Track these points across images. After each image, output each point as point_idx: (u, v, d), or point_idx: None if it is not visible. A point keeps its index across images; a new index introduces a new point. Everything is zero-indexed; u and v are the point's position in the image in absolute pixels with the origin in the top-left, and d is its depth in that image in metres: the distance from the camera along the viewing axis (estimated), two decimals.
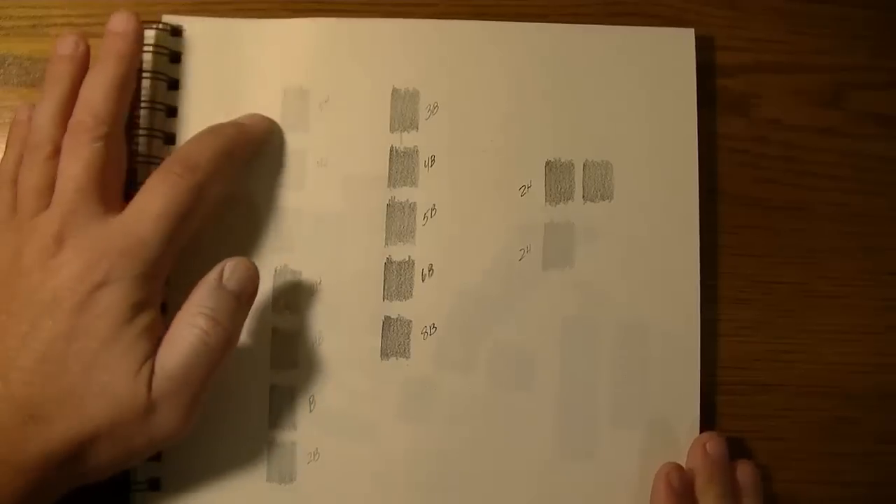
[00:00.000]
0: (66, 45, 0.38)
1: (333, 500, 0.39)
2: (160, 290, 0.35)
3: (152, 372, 0.33)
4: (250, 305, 0.36)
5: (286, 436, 0.40)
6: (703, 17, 0.43)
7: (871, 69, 0.43)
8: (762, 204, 0.43)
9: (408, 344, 0.40)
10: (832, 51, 0.43)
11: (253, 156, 0.40)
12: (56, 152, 0.36)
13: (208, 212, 0.38)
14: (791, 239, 0.42)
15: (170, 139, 0.41)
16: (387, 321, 0.40)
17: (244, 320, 0.36)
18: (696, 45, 0.42)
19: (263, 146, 0.40)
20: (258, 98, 0.41)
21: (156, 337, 0.34)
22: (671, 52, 0.41)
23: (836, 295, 0.42)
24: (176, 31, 0.41)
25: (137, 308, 0.34)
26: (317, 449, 0.39)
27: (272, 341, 0.40)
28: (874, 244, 0.43)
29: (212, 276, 0.35)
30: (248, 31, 0.41)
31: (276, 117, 0.41)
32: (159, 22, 0.41)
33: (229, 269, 0.36)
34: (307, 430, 0.40)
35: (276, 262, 0.40)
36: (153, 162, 0.40)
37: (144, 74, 0.40)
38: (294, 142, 0.41)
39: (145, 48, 0.41)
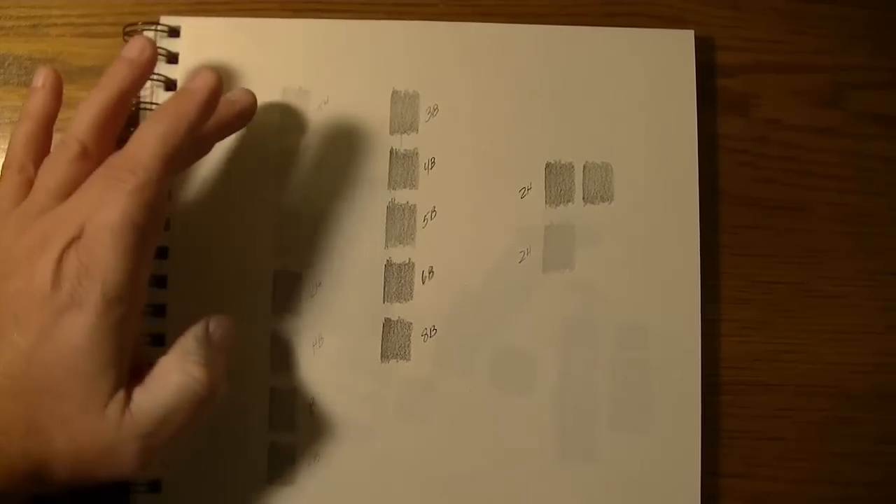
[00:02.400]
0: (133, 49, 0.36)
1: (334, 502, 0.39)
2: (134, 313, 0.32)
3: (124, 408, 0.31)
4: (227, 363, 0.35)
5: (286, 438, 0.40)
6: (702, 17, 0.43)
7: (871, 69, 0.43)
8: (762, 204, 0.43)
9: (408, 346, 0.40)
10: (832, 51, 0.43)
11: (207, 119, 0.35)
12: (83, 155, 0.34)
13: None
14: (791, 239, 0.42)
15: None
16: (387, 323, 0.40)
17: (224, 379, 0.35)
18: (696, 46, 0.42)
19: (215, 105, 0.35)
20: (257, 98, 0.41)
21: (125, 368, 0.32)
22: (671, 53, 0.41)
23: (836, 295, 0.42)
24: (174, 32, 0.41)
25: (104, 336, 0.31)
26: (317, 451, 0.39)
27: (272, 344, 0.40)
28: (874, 244, 0.42)
29: (200, 328, 0.34)
30: (247, 31, 0.41)
31: (276, 118, 0.41)
32: (157, 23, 0.41)
33: (215, 324, 0.34)
34: (307, 432, 0.40)
35: (275, 264, 0.40)
36: None
37: None
38: (293, 143, 0.41)
39: None
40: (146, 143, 0.33)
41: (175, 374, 0.33)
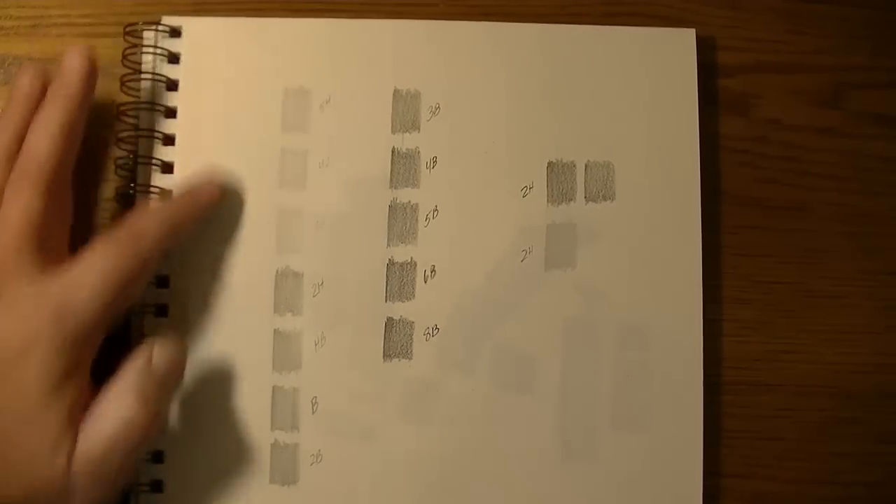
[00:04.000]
0: (24, 82, 0.37)
1: (336, 501, 0.39)
2: (91, 353, 0.34)
3: (72, 450, 0.32)
4: (175, 389, 0.36)
5: (288, 437, 0.39)
6: (703, 17, 0.43)
7: (871, 69, 0.43)
8: (762, 204, 0.43)
9: (410, 345, 0.40)
10: (832, 51, 0.43)
11: (204, 220, 0.39)
12: None
13: (150, 277, 0.38)
14: (791, 239, 0.42)
15: (169, 140, 0.40)
16: (389, 322, 0.40)
17: (169, 405, 0.35)
18: (697, 46, 0.42)
19: (214, 209, 0.39)
20: (258, 98, 0.41)
21: (78, 409, 0.33)
22: (672, 52, 0.41)
23: (836, 295, 0.42)
24: (175, 33, 0.41)
25: (60, 379, 0.32)
26: (319, 450, 0.39)
27: (274, 343, 0.40)
28: (874, 244, 0.43)
29: (140, 359, 0.34)
30: (248, 31, 0.41)
31: (277, 117, 0.41)
32: (158, 23, 0.41)
33: (158, 352, 0.34)
34: (309, 431, 0.39)
35: (277, 263, 0.40)
36: (153, 164, 0.40)
37: (144, 76, 0.40)
38: (295, 142, 0.41)
39: (145, 49, 0.41)
40: (153, 221, 0.36)
41: (112, 409, 0.33)
